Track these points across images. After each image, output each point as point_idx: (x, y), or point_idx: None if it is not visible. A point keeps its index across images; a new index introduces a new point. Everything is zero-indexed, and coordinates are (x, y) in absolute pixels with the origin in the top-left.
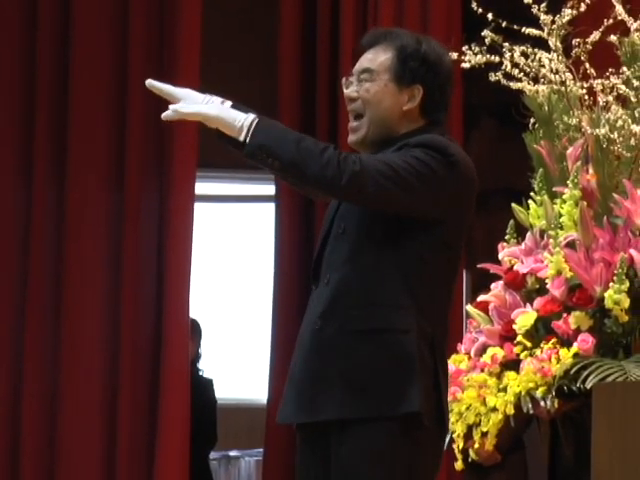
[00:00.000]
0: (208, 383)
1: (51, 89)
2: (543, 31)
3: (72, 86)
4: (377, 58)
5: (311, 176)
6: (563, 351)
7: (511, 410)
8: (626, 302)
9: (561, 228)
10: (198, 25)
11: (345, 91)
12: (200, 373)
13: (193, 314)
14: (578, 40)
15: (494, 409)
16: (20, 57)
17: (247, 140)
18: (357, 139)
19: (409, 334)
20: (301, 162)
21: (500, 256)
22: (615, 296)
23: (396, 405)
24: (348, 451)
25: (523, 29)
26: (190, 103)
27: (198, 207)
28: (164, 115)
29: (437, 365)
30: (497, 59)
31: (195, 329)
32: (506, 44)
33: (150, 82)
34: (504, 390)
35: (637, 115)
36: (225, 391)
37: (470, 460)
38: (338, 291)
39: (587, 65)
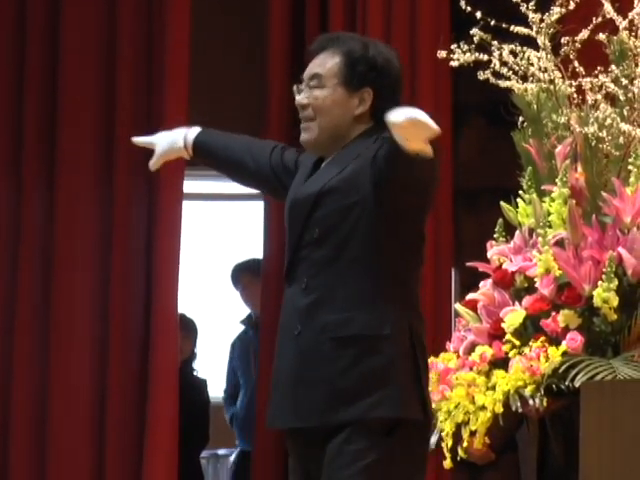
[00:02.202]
0: (202, 383)
1: (40, 88)
2: (532, 29)
3: (61, 85)
4: (325, 63)
5: None
6: (552, 349)
7: (500, 409)
8: (615, 300)
9: (550, 226)
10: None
11: (296, 98)
12: (195, 373)
13: (184, 312)
14: (567, 38)
15: (483, 407)
16: (8, 56)
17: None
18: (309, 139)
19: (390, 338)
20: None
21: (489, 254)
22: (604, 294)
23: (379, 409)
24: (334, 457)
25: (512, 27)
26: (161, 144)
27: (186, 205)
28: (151, 165)
29: (417, 358)
30: (486, 57)
31: (191, 328)
32: (495, 42)
33: (135, 140)
34: (493, 389)
35: (625, 113)
36: (213, 390)
37: (463, 459)
38: (316, 297)
39: (576, 63)
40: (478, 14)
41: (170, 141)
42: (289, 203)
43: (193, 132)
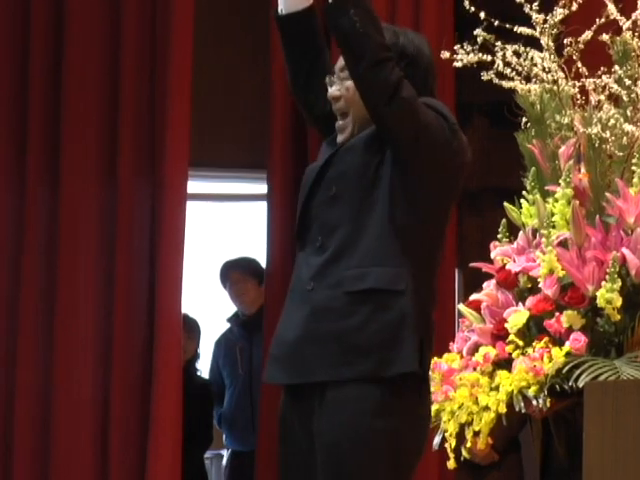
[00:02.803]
0: (206, 383)
1: (43, 88)
2: (535, 30)
3: (64, 86)
4: None
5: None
6: (555, 350)
7: (503, 409)
8: (618, 301)
9: (553, 227)
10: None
11: (329, 90)
12: (198, 373)
13: (187, 313)
14: (570, 39)
15: (486, 408)
16: (13, 59)
17: None
18: (345, 138)
19: (404, 295)
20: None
21: (492, 255)
22: (607, 295)
23: (390, 366)
24: (339, 409)
25: (515, 28)
26: None
27: (190, 206)
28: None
29: (428, 318)
30: (489, 58)
31: (194, 328)
32: (498, 43)
33: None
34: (496, 389)
35: (629, 114)
36: None
37: (467, 459)
38: (333, 254)
39: (579, 64)
40: (482, 14)
41: None
42: (306, 172)
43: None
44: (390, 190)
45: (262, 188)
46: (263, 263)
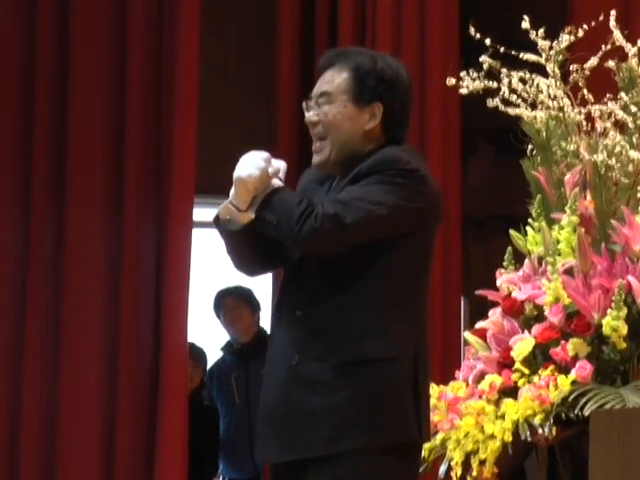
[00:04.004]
0: (212, 412)
1: (49, 113)
2: (541, 57)
3: (70, 110)
4: (333, 80)
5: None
6: (561, 378)
7: (509, 437)
8: (624, 329)
9: (559, 255)
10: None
11: (306, 115)
12: (204, 402)
13: (194, 341)
14: (576, 66)
15: (492, 436)
16: (19, 75)
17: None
18: (321, 160)
19: (394, 362)
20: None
21: (498, 283)
22: (613, 323)
23: (385, 436)
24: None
25: (521, 55)
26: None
27: (196, 233)
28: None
29: (418, 384)
30: (495, 85)
31: (200, 357)
32: (504, 70)
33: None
34: (502, 417)
35: (635, 141)
36: None
37: None
38: (315, 325)
39: (585, 91)
40: (487, 41)
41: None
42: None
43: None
44: (371, 258)
45: None
46: (262, 291)
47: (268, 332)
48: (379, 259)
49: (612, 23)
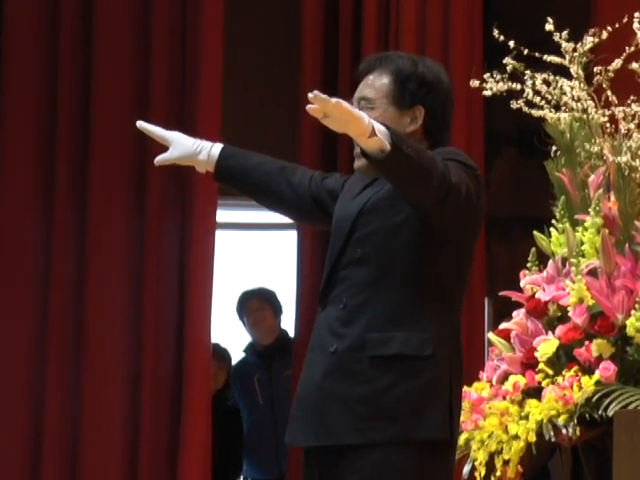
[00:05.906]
0: (236, 413)
1: (73, 116)
2: (565, 59)
3: (93, 114)
4: (374, 84)
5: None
6: (585, 379)
7: (533, 438)
8: None
9: (583, 256)
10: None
11: None
12: (228, 403)
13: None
14: (600, 68)
15: (516, 437)
16: (41, 84)
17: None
18: (362, 165)
19: (429, 359)
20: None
21: (522, 284)
22: (637, 324)
23: (415, 431)
24: (363, 476)
25: (545, 57)
26: (178, 147)
27: (220, 235)
28: (157, 160)
29: (452, 384)
30: (519, 87)
31: (225, 357)
32: (528, 72)
33: (140, 124)
34: (526, 418)
35: None
36: None
37: None
38: (357, 315)
39: (609, 93)
40: (511, 43)
41: (191, 151)
42: (334, 221)
43: (217, 148)
44: (414, 252)
45: None
46: (288, 292)
47: (290, 335)
48: (427, 256)
49: (636, 25)
